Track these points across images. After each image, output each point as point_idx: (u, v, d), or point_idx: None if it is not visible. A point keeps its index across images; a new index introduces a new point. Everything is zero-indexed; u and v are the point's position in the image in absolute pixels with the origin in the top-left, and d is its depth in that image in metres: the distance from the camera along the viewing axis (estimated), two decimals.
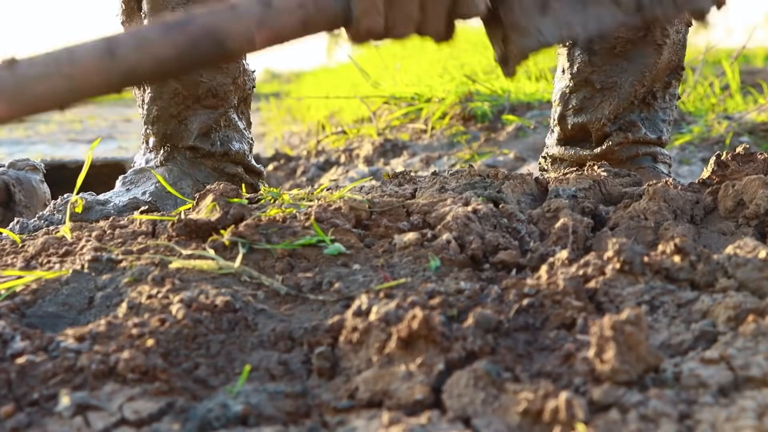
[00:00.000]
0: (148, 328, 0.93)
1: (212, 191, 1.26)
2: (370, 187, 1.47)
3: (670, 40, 1.76)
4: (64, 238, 1.27)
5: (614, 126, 1.79)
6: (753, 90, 4.16)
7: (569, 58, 1.82)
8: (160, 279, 1.06)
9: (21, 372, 0.86)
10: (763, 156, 1.37)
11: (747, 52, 9.44)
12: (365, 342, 0.89)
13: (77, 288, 1.09)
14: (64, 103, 0.99)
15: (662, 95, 1.81)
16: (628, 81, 1.76)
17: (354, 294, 1.03)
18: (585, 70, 1.78)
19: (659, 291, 0.96)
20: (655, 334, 0.90)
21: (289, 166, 3.94)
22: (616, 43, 1.74)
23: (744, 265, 0.97)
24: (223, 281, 1.07)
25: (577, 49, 1.80)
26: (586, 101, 1.79)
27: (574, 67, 1.80)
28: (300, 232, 1.17)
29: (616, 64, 1.76)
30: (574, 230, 1.17)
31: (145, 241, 1.21)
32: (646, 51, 1.75)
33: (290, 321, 0.99)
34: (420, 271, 1.08)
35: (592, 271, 1.01)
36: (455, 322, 0.92)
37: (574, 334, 0.91)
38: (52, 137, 8.00)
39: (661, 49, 1.75)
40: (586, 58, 1.78)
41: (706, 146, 3.20)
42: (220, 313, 0.97)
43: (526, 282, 1.00)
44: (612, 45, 1.75)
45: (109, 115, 11.72)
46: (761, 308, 0.89)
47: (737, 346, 0.83)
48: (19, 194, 2.00)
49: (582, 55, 1.79)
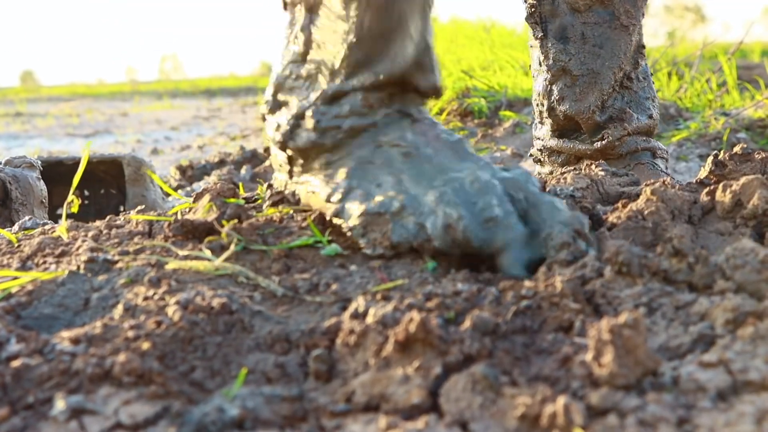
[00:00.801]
0: (144, 331, 0.92)
1: (209, 191, 1.25)
2: None
3: (637, 22, 1.79)
4: (60, 238, 1.26)
5: (604, 115, 1.81)
6: (749, 86, 4.16)
7: (543, 50, 1.84)
8: (156, 280, 1.06)
9: (16, 375, 0.86)
10: (761, 155, 1.37)
11: (744, 47, 9.46)
12: (362, 345, 0.89)
13: (73, 289, 1.08)
14: None
15: (635, 75, 1.84)
16: (604, 66, 1.78)
17: (351, 295, 1.03)
18: (561, 59, 1.81)
19: (657, 293, 0.96)
20: (653, 336, 0.90)
21: None
22: (583, 28, 1.77)
23: (742, 267, 0.97)
24: (219, 282, 1.07)
25: (550, 40, 1.82)
26: (567, 89, 1.82)
27: (550, 58, 1.82)
28: (297, 232, 1.17)
29: (590, 51, 1.79)
30: None
31: (142, 241, 1.21)
32: (616, 34, 1.77)
33: (287, 323, 0.99)
34: (417, 271, 1.08)
35: (590, 273, 1.01)
36: (452, 325, 0.92)
37: (571, 336, 0.91)
38: (50, 131, 8.01)
39: (629, 30, 1.78)
40: (560, 47, 1.80)
41: (703, 142, 3.20)
42: (217, 314, 0.96)
43: (524, 284, 1.00)
44: (581, 32, 1.77)
45: (106, 109, 11.70)
46: (759, 311, 0.89)
47: (736, 350, 0.83)
48: (15, 192, 1.99)
49: (555, 44, 1.81)
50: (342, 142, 1.21)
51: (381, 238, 1.12)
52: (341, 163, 1.21)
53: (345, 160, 1.20)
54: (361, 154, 1.19)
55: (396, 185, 1.14)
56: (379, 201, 1.13)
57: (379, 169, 1.17)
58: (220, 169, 3.75)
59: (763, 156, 1.37)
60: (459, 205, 1.07)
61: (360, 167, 1.19)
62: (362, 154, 1.19)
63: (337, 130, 1.20)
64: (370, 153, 1.19)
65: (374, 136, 1.20)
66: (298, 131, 1.23)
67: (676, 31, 57.03)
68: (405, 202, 1.11)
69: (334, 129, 1.20)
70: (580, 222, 1.09)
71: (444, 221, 1.07)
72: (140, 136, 7.09)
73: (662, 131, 3.39)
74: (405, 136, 1.19)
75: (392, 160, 1.17)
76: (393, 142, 1.19)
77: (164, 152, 5.66)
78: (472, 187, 1.09)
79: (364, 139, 1.20)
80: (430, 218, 1.08)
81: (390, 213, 1.11)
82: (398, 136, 1.19)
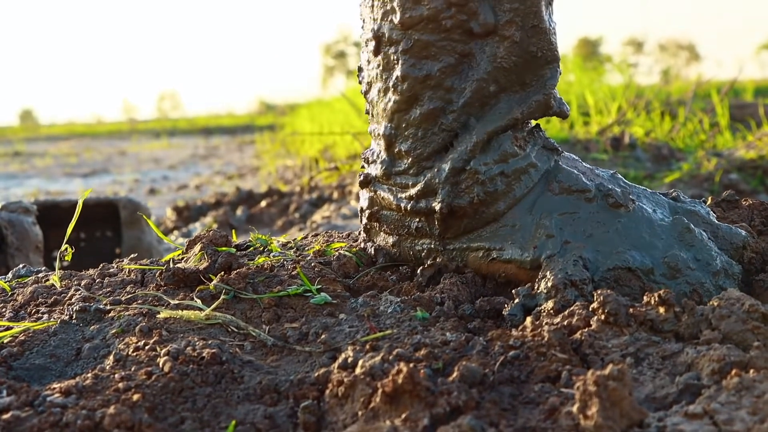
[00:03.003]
0: (134, 382, 0.93)
1: (201, 239, 1.26)
2: (358, 234, 1.47)
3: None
4: (53, 286, 1.27)
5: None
6: (742, 126, 4.19)
7: None
8: (147, 330, 1.07)
9: (7, 428, 0.86)
10: (748, 202, 1.38)
11: (737, 85, 9.52)
12: (351, 396, 0.89)
13: (65, 339, 1.09)
14: None
15: None
16: None
17: (340, 345, 1.03)
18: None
19: (644, 343, 0.97)
20: (639, 387, 0.91)
21: (282, 202, 3.95)
22: None
23: (728, 316, 0.98)
24: (210, 332, 1.07)
25: None
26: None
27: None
28: (287, 281, 1.18)
29: None
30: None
31: (134, 290, 1.22)
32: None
33: (276, 373, 0.99)
34: (406, 320, 1.09)
35: (577, 322, 1.01)
36: (440, 375, 0.92)
37: (558, 387, 0.91)
38: (48, 171, 8.03)
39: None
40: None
41: (695, 183, 3.22)
42: (207, 365, 0.97)
43: (512, 333, 1.00)
44: None
45: (105, 147, 11.74)
46: (745, 361, 0.89)
47: (721, 401, 0.84)
48: (11, 236, 2.00)
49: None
50: (510, 188, 1.20)
51: None
52: (521, 213, 1.20)
53: (525, 210, 1.20)
54: (542, 201, 1.19)
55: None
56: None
57: (585, 222, 1.17)
58: (216, 210, 3.77)
59: (750, 203, 1.38)
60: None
61: (560, 218, 1.18)
62: (544, 200, 1.19)
63: (502, 176, 1.19)
64: (558, 201, 1.19)
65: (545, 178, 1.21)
66: (459, 188, 1.20)
67: (671, 69, 57.41)
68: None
69: (498, 176, 1.19)
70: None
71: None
72: (138, 176, 7.12)
73: (655, 172, 3.41)
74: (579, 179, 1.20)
75: (592, 209, 1.18)
76: (573, 187, 1.20)
77: (162, 192, 5.68)
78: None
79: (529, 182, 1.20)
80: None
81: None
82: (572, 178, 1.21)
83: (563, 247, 1.15)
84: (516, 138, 1.20)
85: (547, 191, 1.19)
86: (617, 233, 1.16)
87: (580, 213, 1.17)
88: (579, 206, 1.18)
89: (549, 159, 1.22)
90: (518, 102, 1.20)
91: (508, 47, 1.18)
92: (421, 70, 1.20)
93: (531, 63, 1.19)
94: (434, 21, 1.17)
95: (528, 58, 1.19)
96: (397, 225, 1.25)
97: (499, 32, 1.18)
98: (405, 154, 1.22)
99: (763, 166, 3.28)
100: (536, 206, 1.19)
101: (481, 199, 1.18)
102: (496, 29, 1.18)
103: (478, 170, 1.18)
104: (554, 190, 1.19)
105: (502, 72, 1.19)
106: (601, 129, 3.71)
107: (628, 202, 1.18)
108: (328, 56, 61.60)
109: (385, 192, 1.24)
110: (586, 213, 1.17)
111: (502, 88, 1.19)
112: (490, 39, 1.18)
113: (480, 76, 1.19)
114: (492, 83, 1.19)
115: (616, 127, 3.75)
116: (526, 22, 1.17)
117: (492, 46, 1.18)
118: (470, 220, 1.21)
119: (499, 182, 1.19)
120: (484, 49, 1.19)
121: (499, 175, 1.19)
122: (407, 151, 1.22)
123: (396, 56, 1.21)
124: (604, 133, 3.65)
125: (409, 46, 1.20)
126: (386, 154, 1.24)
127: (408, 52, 1.20)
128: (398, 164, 1.23)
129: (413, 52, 1.20)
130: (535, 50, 1.18)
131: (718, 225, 1.20)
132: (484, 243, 1.20)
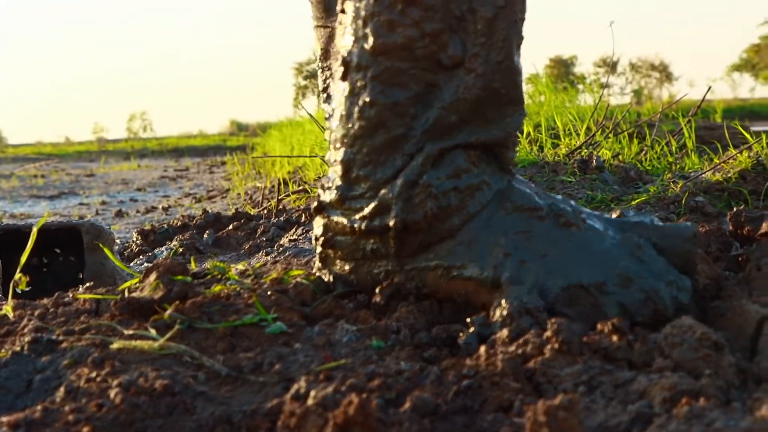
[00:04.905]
0: (84, 414, 0.92)
1: (157, 268, 1.25)
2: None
3: None
4: (5, 316, 1.25)
5: None
6: (708, 149, 4.24)
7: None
8: (99, 361, 1.05)
9: None
10: (705, 228, 1.40)
11: (706, 105, 9.63)
12: (303, 427, 0.89)
13: (16, 371, 1.07)
14: None
15: None
16: None
17: (294, 375, 1.03)
18: None
19: (597, 371, 0.97)
20: (591, 415, 0.91)
21: (250, 225, 3.93)
22: None
23: (680, 344, 0.98)
24: (163, 362, 1.06)
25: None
26: None
27: None
28: (243, 309, 1.17)
29: None
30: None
31: (88, 320, 1.21)
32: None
33: (230, 404, 0.98)
34: (362, 349, 1.08)
35: (531, 350, 1.01)
36: (393, 406, 0.92)
37: (511, 417, 0.91)
38: (13, 193, 7.95)
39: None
40: None
41: (662, 206, 3.23)
42: (159, 397, 0.96)
43: (466, 362, 1.00)
44: None
45: (72, 169, 11.64)
46: (696, 389, 0.90)
47: (671, 429, 0.84)
48: None
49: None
50: (464, 204, 1.21)
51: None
52: (476, 230, 1.21)
53: (480, 228, 1.21)
54: (496, 219, 1.21)
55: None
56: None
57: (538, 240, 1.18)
58: (183, 234, 3.74)
59: (707, 229, 1.40)
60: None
61: (515, 237, 1.19)
62: (498, 218, 1.21)
63: (455, 191, 1.21)
64: (512, 219, 1.20)
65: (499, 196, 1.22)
66: (412, 202, 1.21)
67: (643, 90, 57.95)
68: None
69: (451, 191, 1.21)
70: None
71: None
72: (106, 198, 7.07)
73: (622, 194, 3.43)
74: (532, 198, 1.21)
75: (545, 228, 1.20)
76: (526, 205, 1.21)
77: (129, 215, 5.64)
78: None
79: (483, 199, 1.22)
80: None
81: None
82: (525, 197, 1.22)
83: (520, 267, 1.15)
84: (469, 155, 1.21)
85: (500, 210, 1.20)
86: (570, 252, 1.17)
87: (533, 231, 1.18)
88: (532, 225, 1.19)
89: (501, 179, 1.23)
90: (478, 134, 1.21)
91: (472, 80, 1.19)
92: (390, 97, 1.20)
93: (494, 99, 1.20)
94: (407, 49, 1.18)
95: (491, 93, 1.20)
96: (352, 249, 1.25)
97: (465, 65, 1.19)
98: (363, 179, 1.22)
99: (729, 188, 3.31)
100: (491, 224, 1.20)
101: (435, 213, 1.19)
102: (463, 61, 1.19)
103: (431, 184, 1.19)
104: (507, 209, 1.20)
105: (465, 104, 1.19)
106: (570, 151, 3.73)
107: (579, 221, 1.19)
108: (300, 76, 61.69)
109: (338, 216, 1.24)
110: (539, 231, 1.18)
111: (464, 121, 1.20)
112: (456, 71, 1.19)
113: (443, 105, 1.19)
114: (453, 113, 1.19)
115: (585, 150, 3.77)
116: (491, 58, 1.18)
117: (458, 77, 1.19)
118: (425, 236, 1.21)
119: (452, 197, 1.20)
120: (450, 81, 1.19)
121: (452, 190, 1.20)
122: (365, 175, 1.22)
123: (364, 82, 1.21)
124: (573, 156, 3.67)
125: (379, 72, 1.20)
126: (342, 180, 1.24)
127: (377, 78, 1.20)
128: (354, 189, 1.23)
129: (382, 79, 1.20)
130: (498, 86, 1.20)
131: (664, 225, 1.21)
132: (441, 261, 1.21)
